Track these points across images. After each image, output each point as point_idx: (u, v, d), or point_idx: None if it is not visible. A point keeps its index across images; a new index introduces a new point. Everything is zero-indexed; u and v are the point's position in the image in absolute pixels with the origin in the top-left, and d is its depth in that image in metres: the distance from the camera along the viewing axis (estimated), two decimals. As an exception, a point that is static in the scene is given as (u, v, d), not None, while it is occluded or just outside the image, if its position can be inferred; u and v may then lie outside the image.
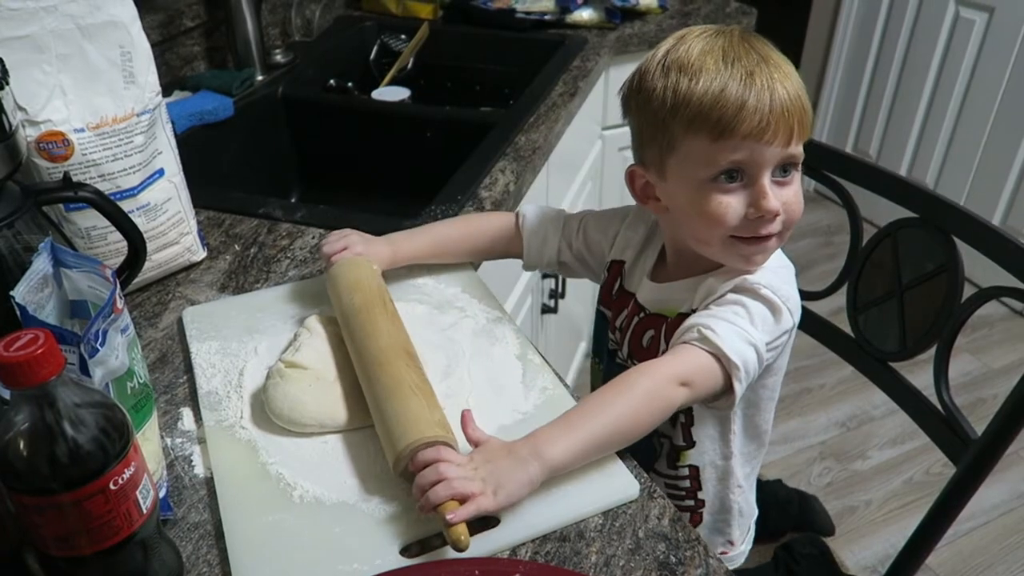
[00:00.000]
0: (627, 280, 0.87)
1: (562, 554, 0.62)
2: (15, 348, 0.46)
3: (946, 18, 2.42)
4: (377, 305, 0.77)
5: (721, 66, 0.71)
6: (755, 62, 0.71)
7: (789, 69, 0.72)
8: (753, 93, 0.70)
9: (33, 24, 0.76)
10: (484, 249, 0.95)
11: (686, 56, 0.72)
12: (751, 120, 0.70)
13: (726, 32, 0.73)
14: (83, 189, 0.76)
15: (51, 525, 0.51)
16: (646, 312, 0.83)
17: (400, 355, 0.72)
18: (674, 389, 0.69)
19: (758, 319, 0.73)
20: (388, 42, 1.75)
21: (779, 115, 0.70)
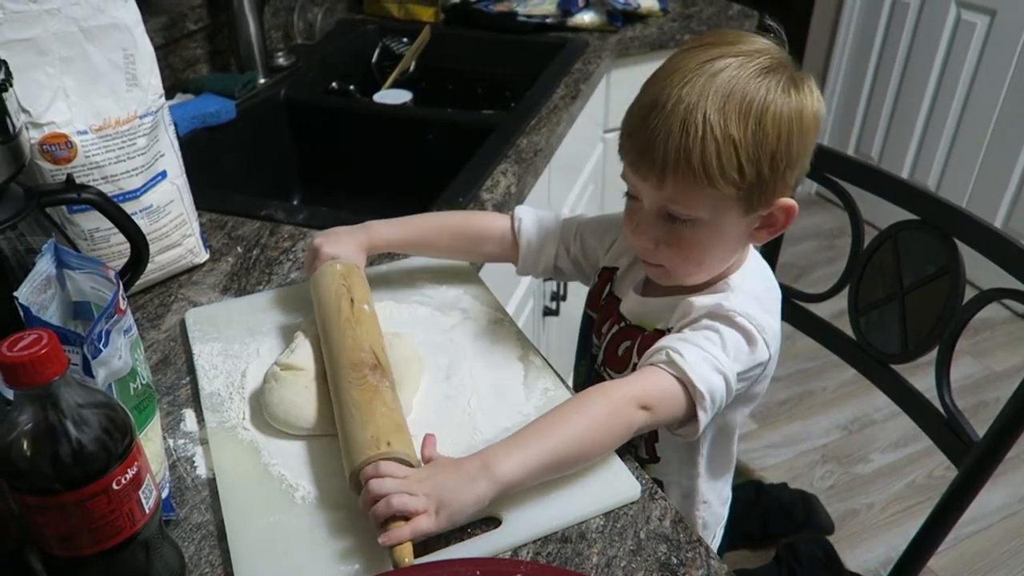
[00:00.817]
0: (616, 286, 0.86)
1: (564, 555, 0.62)
2: (19, 348, 0.46)
3: (947, 21, 2.42)
4: (331, 318, 0.75)
5: (654, 91, 0.69)
6: (683, 100, 0.66)
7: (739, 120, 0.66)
8: (649, 124, 0.68)
9: (36, 27, 0.76)
10: (469, 248, 0.91)
11: (666, 66, 0.71)
12: (630, 148, 0.70)
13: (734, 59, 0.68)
14: (86, 191, 0.76)
15: (54, 525, 0.51)
16: (626, 323, 0.83)
17: (342, 372, 0.69)
18: (633, 411, 0.67)
19: (731, 347, 0.71)
20: (390, 45, 1.75)
21: (653, 157, 0.67)
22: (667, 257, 0.74)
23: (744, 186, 0.68)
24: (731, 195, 0.68)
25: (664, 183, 0.69)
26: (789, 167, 0.70)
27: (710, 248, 0.73)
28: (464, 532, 0.63)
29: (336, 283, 0.78)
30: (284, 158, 1.49)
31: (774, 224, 0.74)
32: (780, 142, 0.68)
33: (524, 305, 1.41)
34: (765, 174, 0.68)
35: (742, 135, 0.66)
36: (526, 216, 0.90)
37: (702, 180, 0.67)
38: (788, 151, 0.68)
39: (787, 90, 0.68)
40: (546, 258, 0.90)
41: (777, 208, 0.72)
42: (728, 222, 0.71)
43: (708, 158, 0.66)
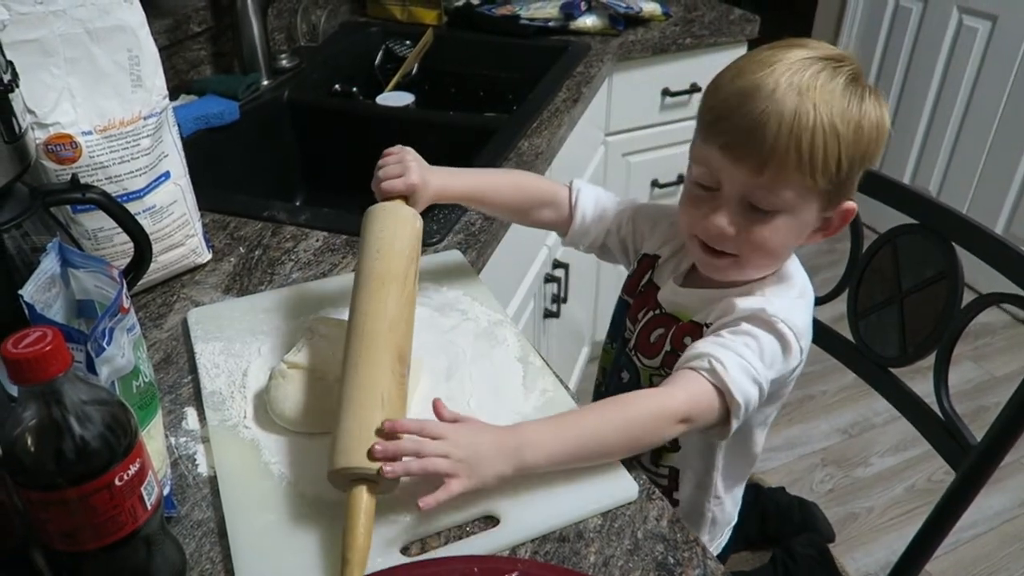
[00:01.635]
0: (657, 275, 0.87)
1: (561, 554, 0.62)
2: (23, 345, 0.47)
3: (949, 26, 2.43)
4: (395, 281, 0.71)
5: (756, 77, 0.69)
6: (793, 87, 0.67)
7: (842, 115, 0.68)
8: (754, 107, 0.68)
9: (42, 28, 0.77)
10: (526, 209, 0.90)
11: (753, 59, 0.72)
12: (729, 135, 0.70)
13: (826, 61, 0.70)
14: (90, 191, 0.77)
15: (57, 520, 0.51)
16: (661, 310, 0.84)
17: (387, 353, 0.66)
18: (673, 426, 0.69)
19: (768, 355, 0.72)
20: (393, 48, 1.76)
21: (760, 139, 0.67)
22: (743, 247, 0.74)
23: (836, 181, 0.70)
24: (822, 188, 0.70)
25: (765, 168, 0.69)
26: (863, 171, 0.73)
27: (784, 241, 0.75)
28: (462, 531, 0.64)
29: (410, 242, 0.75)
30: (287, 159, 1.50)
31: (829, 227, 0.76)
32: (870, 145, 0.71)
33: (525, 307, 1.42)
34: (852, 173, 0.71)
35: (846, 131, 0.68)
36: (584, 190, 0.91)
37: (805, 168, 0.68)
38: (872, 155, 0.72)
39: (875, 99, 0.71)
40: (596, 235, 0.92)
41: (837, 212, 0.75)
42: (805, 218, 0.73)
43: (816, 148, 0.67)
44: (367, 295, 0.70)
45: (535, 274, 1.46)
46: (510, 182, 0.90)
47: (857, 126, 0.69)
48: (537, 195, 0.90)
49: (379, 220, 0.76)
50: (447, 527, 0.64)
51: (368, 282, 0.71)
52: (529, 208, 0.91)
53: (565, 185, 0.91)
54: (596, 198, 0.91)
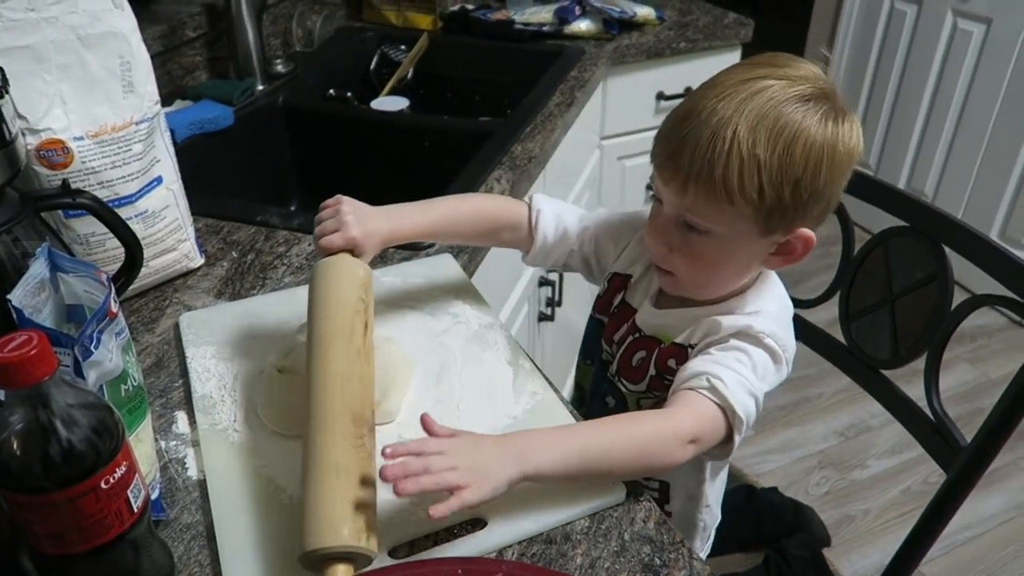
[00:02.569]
0: (630, 295, 0.86)
1: (548, 556, 0.63)
2: (9, 349, 0.47)
3: (944, 30, 2.44)
4: (338, 338, 0.67)
5: (697, 98, 0.70)
6: (718, 112, 0.67)
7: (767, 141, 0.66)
8: (681, 131, 0.69)
9: (34, 34, 0.78)
10: (489, 235, 0.89)
11: (715, 78, 0.72)
12: (659, 152, 0.71)
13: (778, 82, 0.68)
14: (81, 196, 0.77)
15: (44, 523, 0.52)
16: (641, 333, 0.83)
17: (339, 419, 0.62)
18: (683, 448, 0.67)
19: (760, 369, 0.72)
20: (388, 52, 1.77)
21: (679, 163, 0.68)
22: (678, 265, 0.75)
23: (763, 208, 0.68)
24: (748, 214, 0.69)
25: (686, 191, 0.69)
26: (813, 198, 0.69)
27: (721, 264, 0.74)
28: (450, 533, 0.64)
29: (355, 293, 0.70)
30: (282, 164, 1.50)
31: (791, 252, 0.74)
32: (807, 170, 0.67)
33: (519, 310, 1.42)
34: (786, 199, 0.68)
35: (768, 156, 0.66)
36: (545, 208, 0.88)
37: (721, 194, 0.68)
38: (814, 181, 0.68)
39: (824, 121, 0.68)
40: (558, 255, 0.90)
41: (796, 237, 0.72)
42: (743, 242, 0.72)
43: (730, 173, 0.67)
44: (312, 360, 0.66)
45: (529, 278, 1.46)
46: (468, 211, 0.86)
47: (786, 151, 0.66)
48: (496, 221, 0.87)
49: (319, 278, 0.72)
50: (435, 530, 0.64)
51: (312, 346, 0.67)
52: (488, 234, 0.89)
53: (525, 203, 0.89)
54: (557, 218, 0.88)
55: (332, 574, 0.56)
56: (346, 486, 0.58)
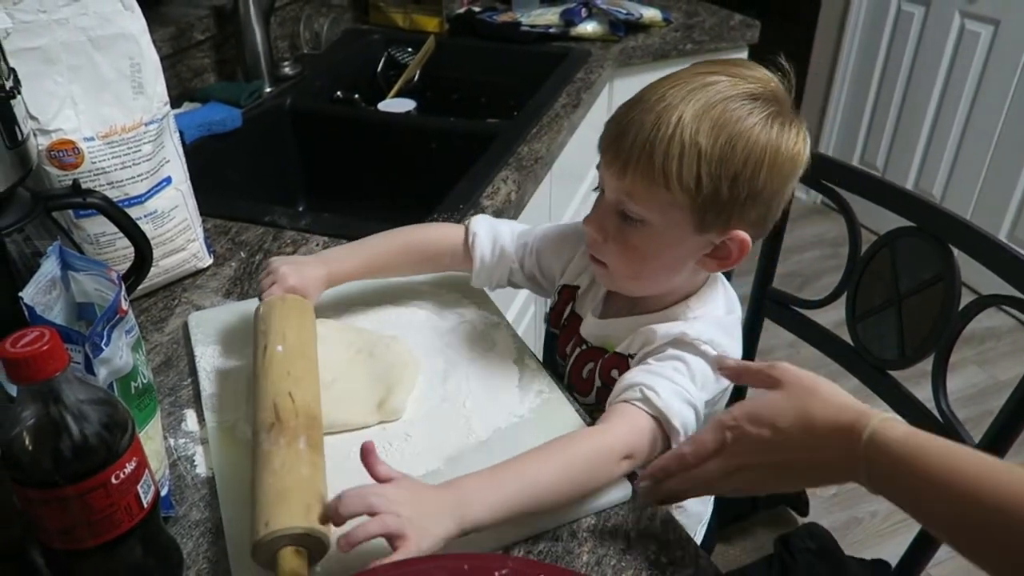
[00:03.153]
0: (579, 305, 0.85)
1: (554, 553, 0.63)
2: (21, 345, 0.48)
3: (952, 31, 2.43)
4: (251, 374, 0.72)
5: (650, 89, 0.70)
6: (667, 98, 0.67)
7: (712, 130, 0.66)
8: (627, 115, 0.69)
9: (45, 36, 0.78)
10: (426, 265, 0.91)
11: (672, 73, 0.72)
12: (605, 135, 0.72)
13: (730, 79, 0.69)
14: (92, 196, 0.78)
15: (54, 518, 0.52)
16: (587, 344, 0.82)
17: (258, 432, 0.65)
18: (616, 464, 0.66)
19: (699, 377, 0.71)
20: (395, 55, 1.78)
21: (621, 145, 0.68)
22: (611, 255, 0.74)
23: (699, 199, 0.68)
24: (685, 204, 0.68)
25: (625, 174, 0.69)
26: (751, 198, 0.69)
27: (651, 257, 0.73)
28: (457, 530, 0.64)
29: (256, 332, 0.75)
30: (289, 166, 1.51)
31: (727, 256, 0.72)
32: (746, 168, 0.67)
33: (526, 311, 1.43)
34: (723, 194, 0.68)
35: (710, 146, 0.66)
36: (481, 230, 0.87)
37: (659, 178, 0.67)
38: (752, 180, 0.68)
39: (769, 123, 0.68)
40: (500, 274, 0.89)
41: (731, 239, 0.71)
42: (678, 235, 0.71)
43: (670, 158, 0.66)
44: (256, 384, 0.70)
45: (536, 279, 1.46)
46: (398, 246, 0.88)
47: (728, 145, 0.66)
48: (428, 250, 0.89)
49: (260, 314, 0.77)
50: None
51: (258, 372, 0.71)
52: (425, 262, 0.90)
53: (463, 226, 0.89)
54: (493, 238, 0.87)
55: (279, 559, 0.55)
56: (253, 492, 0.60)
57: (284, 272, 0.79)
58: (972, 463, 0.53)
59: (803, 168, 0.71)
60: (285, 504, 0.57)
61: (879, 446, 0.55)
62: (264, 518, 0.57)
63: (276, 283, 0.79)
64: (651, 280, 0.76)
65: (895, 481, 0.55)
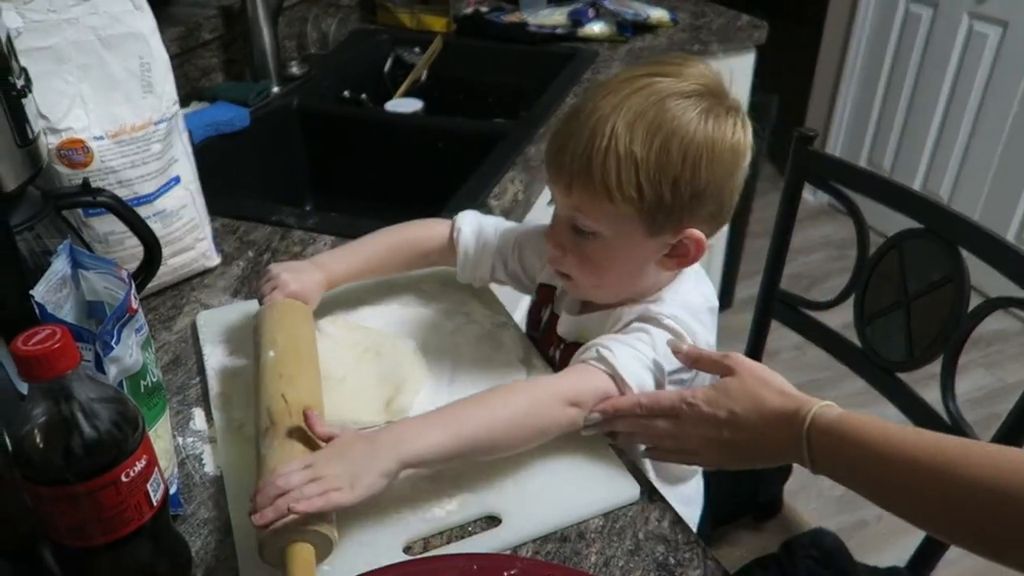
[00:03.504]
0: (557, 306, 0.85)
1: (562, 554, 0.63)
2: (33, 343, 0.48)
3: (960, 32, 2.42)
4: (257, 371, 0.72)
5: (585, 99, 0.70)
6: (599, 110, 0.67)
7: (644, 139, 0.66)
8: (565, 130, 0.69)
9: (56, 35, 0.79)
10: (417, 262, 0.91)
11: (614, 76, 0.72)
12: (547, 150, 0.71)
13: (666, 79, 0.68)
14: (101, 195, 0.78)
15: (65, 515, 0.52)
16: (565, 343, 0.83)
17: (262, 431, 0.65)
18: (561, 408, 0.67)
19: (660, 347, 0.71)
20: (402, 55, 1.78)
21: (562, 162, 0.69)
22: (572, 268, 0.75)
23: (644, 207, 0.68)
24: (630, 213, 0.68)
25: (571, 191, 0.70)
26: (696, 196, 0.68)
27: (608, 267, 0.73)
28: (464, 530, 0.64)
29: (254, 341, 0.76)
30: (297, 165, 1.51)
31: (684, 254, 0.72)
32: (684, 168, 0.67)
33: (532, 312, 1.43)
34: (667, 198, 0.67)
35: (645, 154, 0.66)
36: (466, 225, 0.88)
37: (602, 193, 0.67)
38: (694, 179, 0.67)
39: (704, 118, 0.67)
40: (483, 270, 0.89)
41: (687, 238, 0.71)
42: (631, 242, 0.71)
43: (608, 171, 0.66)
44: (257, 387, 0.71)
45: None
46: (388, 246, 0.88)
47: (663, 148, 0.66)
48: (418, 247, 0.89)
49: (259, 320, 0.77)
50: (449, 527, 0.64)
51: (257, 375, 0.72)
52: (416, 259, 0.90)
53: (450, 222, 0.89)
54: (477, 233, 0.88)
55: (286, 555, 0.56)
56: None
57: (285, 279, 0.80)
58: (903, 433, 0.59)
59: (748, 156, 0.71)
60: None
61: (819, 427, 0.61)
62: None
63: (277, 289, 0.79)
64: (614, 287, 0.76)
65: (836, 456, 0.61)
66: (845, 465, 0.61)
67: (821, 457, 0.61)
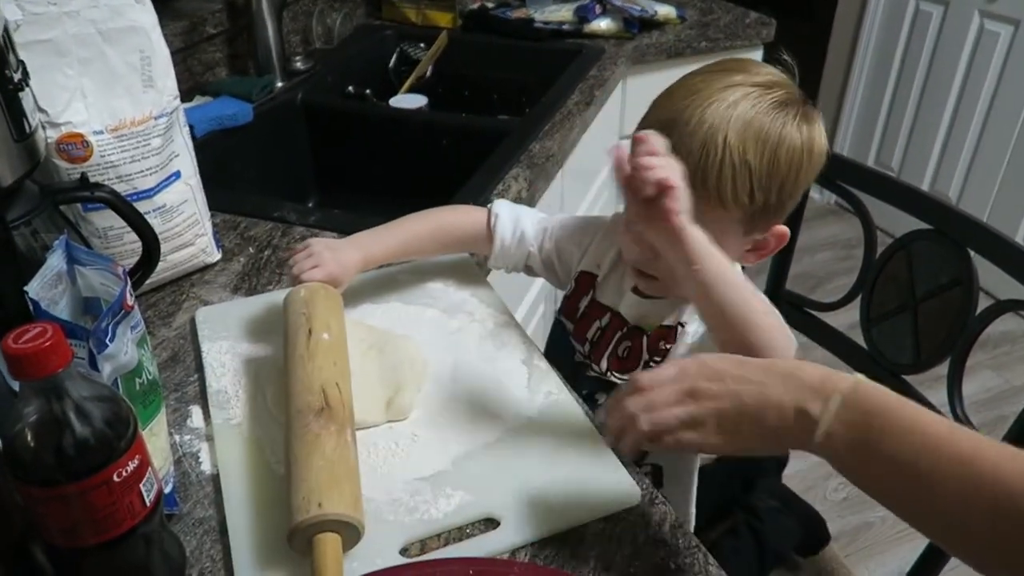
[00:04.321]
0: (600, 292, 0.86)
1: (561, 558, 0.62)
2: (24, 340, 0.47)
3: (970, 31, 2.40)
4: (288, 356, 0.73)
5: (677, 108, 0.71)
6: (706, 121, 0.69)
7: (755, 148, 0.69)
8: (671, 146, 0.67)
9: (56, 28, 0.78)
10: (453, 246, 0.93)
11: (685, 84, 0.74)
12: None
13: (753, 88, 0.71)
14: (100, 190, 0.77)
15: (56, 516, 0.52)
16: (629, 326, 0.83)
17: (290, 422, 0.66)
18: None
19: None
20: (407, 50, 1.77)
21: None
22: (663, 269, 0.75)
23: (751, 210, 0.72)
24: (737, 218, 0.72)
25: None
26: (792, 198, 0.74)
27: None
28: (462, 532, 0.63)
29: (296, 313, 0.76)
30: (300, 161, 1.51)
31: (764, 248, 0.78)
32: (790, 173, 0.71)
33: (535, 309, 1.42)
34: (771, 201, 0.72)
35: (758, 163, 0.70)
36: (503, 213, 0.90)
37: (714, 201, 0.70)
38: (795, 182, 0.72)
39: (800, 125, 0.72)
40: (517, 258, 0.92)
41: (771, 234, 0.77)
42: (727, 243, 0.71)
43: (724, 181, 0.70)
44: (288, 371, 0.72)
45: (546, 277, 1.45)
46: (429, 229, 0.90)
47: (772, 157, 0.70)
48: (456, 232, 0.91)
49: (289, 301, 0.79)
50: (446, 529, 0.63)
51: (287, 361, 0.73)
52: (452, 245, 0.92)
53: (486, 210, 0.91)
54: (515, 221, 0.90)
55: (320, 542, 0.56)
56: (299, 472, 0.61)
57: (326, 258, 0.81)
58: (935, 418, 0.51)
59: (826, 153, 0.76)
60: (338, 490, 0.59)
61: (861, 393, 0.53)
62: (316, 499, 0.58)
63: (318, 268, 0.80)
64: None
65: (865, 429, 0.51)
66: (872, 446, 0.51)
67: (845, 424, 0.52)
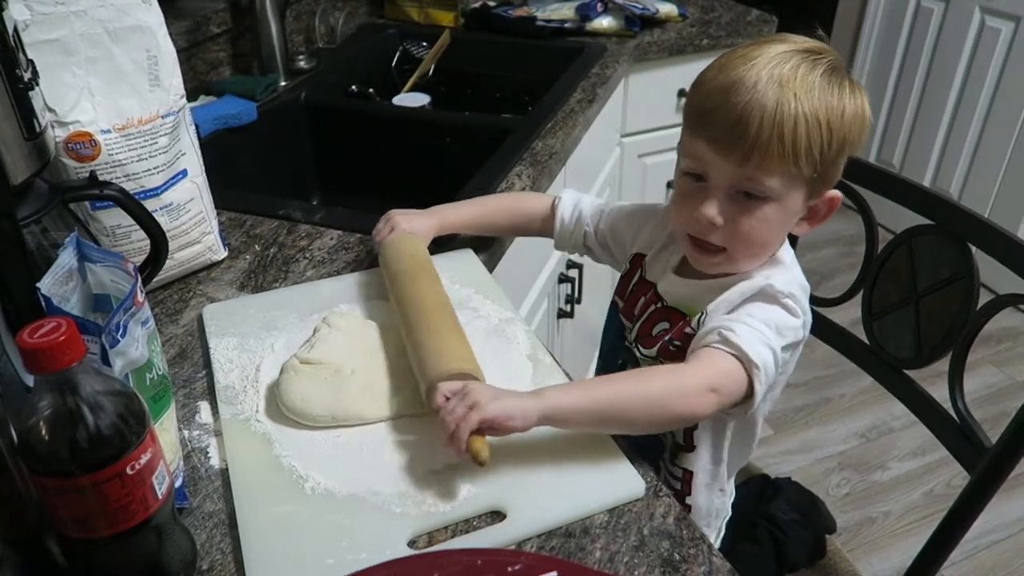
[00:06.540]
0: (648, 270, 0.88)
1: (567, 549, 0.63)
2: (39, 335, 0.48)
3: (971, 27, 2.40)
4: (420, 270, 0.84)
5: (738, 72, 0.71)
6: (774, 79, 0.70)
7: (823, 104, 0.70)
8: (736, 102, 0.70)
9: (63, 28, 0.79)
10: (522, 226, 1.01)
11: (736, 55, 0.74)
12: (713, 128, 0.72)
13: (805, 54, 0.72)
14: (108, 188, 0.78)
15: (70, 507, 0.52)
16: (663, 303, 0.84)
17: (437, 306, 0.78)
18: (704, 396, 0.69)
19: (774, 323, 0.74)
20: (410, 49, 1.78)
21: (744, 132, 0.70)
22: (731, 237, 0.76)
23: (819, 169, 0.72)
24: (807, 176, 0.72)
25: (750, 159, 0.71)
26: (846, 158, 0.75)
27: (774, 229, 0.76)
28: (469, 525, 0.64)
29: (418, 248, 0.88)
30: (304, 159, 1.51)
31: (816, 215, 0.79)
32: (852, 132, 0.73)
33: (538, 307, 1.42)
34: (836, 160, 0.74)
35: (827, 118, 0.71)
36: (566, 196, 0.98)
37: (789, 157, 0.70)
38: (855, 142, 0.74)
39: (854, 91, 0.74)
40: (576, 237, 0.98)
41: (823, 200, 0.77)
42: (792, 205, 0.75)
43: (799, 136, 0.70)
44: (402, 285, 0.83)
45: (549, 274, 1.46)
46: (505, 208, 1.00)
47: (838, 114, 0.71)
48: (527, 211, 1.00)
49: (389, 245, 0.90)
50: (454, 521, 0.64)
51: (401, 277, 0.84)
52: (523, 226, 1.01)
53: (552, 196, 0.99)
54: (575, 203, 0.97)
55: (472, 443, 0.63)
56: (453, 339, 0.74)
57: (398, 220, 0.92)
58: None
59: None
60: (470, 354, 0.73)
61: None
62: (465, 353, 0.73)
63: (394, 229, 0.91)
64: (764, 252, 0.79)
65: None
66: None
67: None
